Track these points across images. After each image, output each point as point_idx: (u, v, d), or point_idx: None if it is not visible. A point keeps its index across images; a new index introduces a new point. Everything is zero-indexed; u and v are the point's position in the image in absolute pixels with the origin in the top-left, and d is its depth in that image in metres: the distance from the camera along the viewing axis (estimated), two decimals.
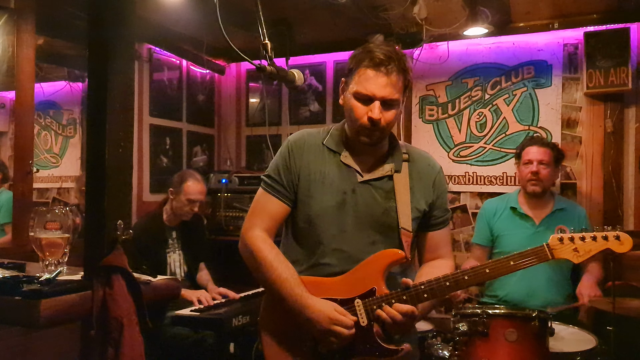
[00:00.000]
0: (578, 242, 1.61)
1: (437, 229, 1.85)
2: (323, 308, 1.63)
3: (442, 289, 1.63)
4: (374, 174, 1.77)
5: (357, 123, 1.70)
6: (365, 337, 1.65)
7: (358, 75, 1.67)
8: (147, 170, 4.19)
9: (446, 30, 3.84)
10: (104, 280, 1.61)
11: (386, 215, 1.73)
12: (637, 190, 3.67)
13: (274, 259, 1.72)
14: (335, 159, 1.78)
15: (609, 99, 3.72)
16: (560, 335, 2.56)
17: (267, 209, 1.79)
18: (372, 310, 1.65)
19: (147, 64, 4.19)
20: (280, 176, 1.79)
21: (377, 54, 1.65)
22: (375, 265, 1.68)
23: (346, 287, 1.69)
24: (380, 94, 1.66)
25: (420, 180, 1.80)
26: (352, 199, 1.73)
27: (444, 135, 4.22)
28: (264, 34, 1.54)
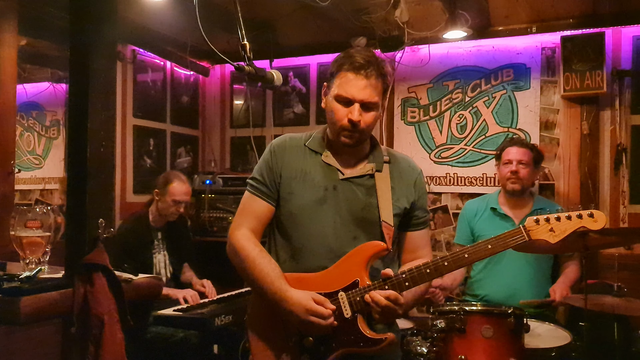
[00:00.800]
0: (554, 222, 1.63)
1: (418, 229, 1.90)
2: (300, 299, 1.68)
3: (422, 275, 1.68)
4: (355, 171, 1.82)
5: (337, 125, 1.75)
6: (350, 328, 1.69)
7: (339, 79, 1.73)
8: (131, 171, 4.20)
9: (427, 34, 3.91)
10: (85, 277, 1.63)
11: (367, 211, 1.78)
12: (612, 191, 3.75)
13: (256, 255, 1.77)
14: (316, 159, 1.83)
15: (585, 101, 3.80)
16: (536, 332, 2.62)
17: (252, 209, 1.85)
18: (355, 301, 1.69)
19: (131, 65, 4.20)
20: (263, 177, 1.84)
21: (357, 58, 1.71)
22: (357, 258, 1.72)
23: (329, 281, 1.73)
24: (360, 96, 1.71)
25: (402, 180, 1.85)
26: (333, 195, 1.78)
27: (425, 136, 4.28)
28: (242, 35, 1.58)
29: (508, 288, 3.12)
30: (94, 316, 1.59)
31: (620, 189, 3.71)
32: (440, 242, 4.22)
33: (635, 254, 3.55)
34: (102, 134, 1.81)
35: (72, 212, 1.74)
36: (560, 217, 1.63)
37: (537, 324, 2.72)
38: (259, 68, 1.63)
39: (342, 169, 1.81)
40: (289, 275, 1.75)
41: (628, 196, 3.69)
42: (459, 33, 3.69)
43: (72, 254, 1.70)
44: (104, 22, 1.87)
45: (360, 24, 3.99)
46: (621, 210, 3.70)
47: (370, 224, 1.78)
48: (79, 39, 1.80)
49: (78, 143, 1.74)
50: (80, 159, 1.72)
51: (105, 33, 1.86)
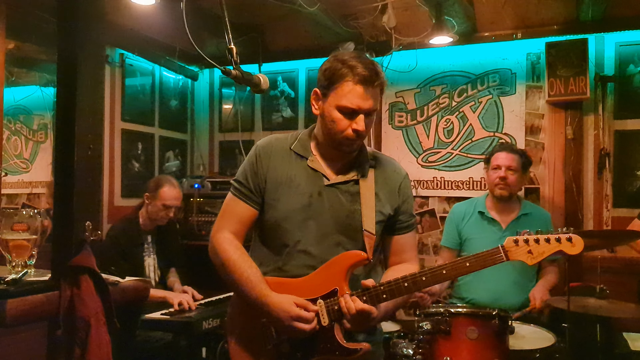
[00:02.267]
0: (532, 244, 1.64)
1: (403, 233, 1.90)
2: (282, 303, 1.68)
3: (400, 289, 1.68)
4: (340, 177, 1.81)
5: (340, 135, 1.73)
6: (327, 336, 1.69)
7: (342, 89, 1.70)
8: (119, 175, 4.19)
9: (414, 39, 3.95)
10: (71, 280, 1.63)
11: (351, 218, 1.78)
12: (596, 195, 3.81)
13: (238, 258, 1.77)
14: (302, 163, 1.82)
15: (569, 107, 3.86)
16: (520, 334, 2.65)
17: (235, 212, 1.83)
18: (333, 310, 1.69)
19: (120, 69, 4.20)
20: (247, 180, 1.83)
21: (361, 70, 1.68)
22: (338, 267, 1.72)
23: (309, 288, 1.73)
24: (365, 106, 1.70)
25: (386, 186, 1.85)
26: (318, 202, 1.78)
27: (412, 141, 4.32)
28: (229, 39, 1.59)
29: (494, 291, 3.14)
30: (80, 319, 1.60)
31: (603, 193, 3.77)
32: (427, 246, 4.25)
33: (618, 257, 3.60)
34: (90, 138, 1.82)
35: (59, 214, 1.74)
36: (539, 240, 1.64)
37: (522, 325, 2.75)
38: (245, 72, 1.65)
39: (327, 174, 1.81)
40: (270, 279, 1.75)
41: (611, 200, 3.75)
42: (446, 39, 3.73)
43: (58, 256, 1.71)
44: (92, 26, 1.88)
45: (348, 29, 4.03)
46: (605, 213, 3.75)
47: (353, 231, 1.78)
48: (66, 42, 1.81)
49: (65, 146, 1.75)
50: (68, 162, 1.73)
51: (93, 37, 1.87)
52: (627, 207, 3.66)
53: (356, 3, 3.81)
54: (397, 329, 2.97)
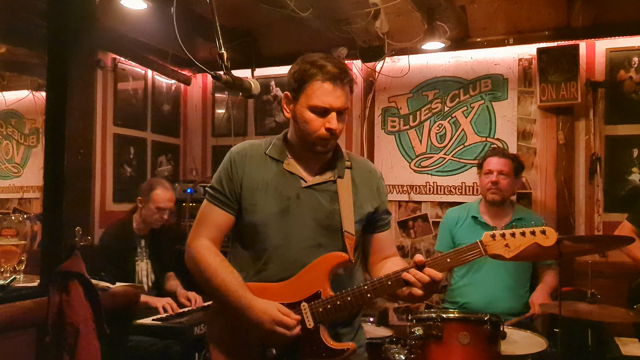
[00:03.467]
0: (509, 238, 1.69)
1: (384, 230, 1.93)
2: (266, 309, 1.67)
3: (384, 287, 1.69)
4: (317, 179, 1.81)
5: (314, 135, 1.74)
6: (312, 339, 1.69)
7: (312, 88, 1.72)
8: (111, 179, 4.18)
9: (407, 45, 3.96)
10: (60, 286, 1.62)
11: (330, 218, 1.78)
12: (587, 200, 3.83)
13: (218, 265, 1.75)
14: (278, 167, 1.82)
15: (560, 112, 3.88)
16: (512, 339, 2.65)
17: (211, 219, 1.82)
18: (318, 312, 1.69)
19: (112, 73, 4.19)
20: (222, 187, 1.82)
21: (330, 68, 1.71)
22: (320, 269, 1.72)
23: (292, 291, 1.72)
24: (337, 105, 1.72)
25: (364, 186, 1.87)
26: (297, 204, 1.77)
27: (405, 146, 4.33)
28: (220, 44, 1.59)
29: (487, 296, 3.15)
30: (69, 325, 1.59)
31: (595, 198, 3.79)
32: (420, 251, 4.25)
33: (610, 262, 3.62)
34: (80, 142, 1.81)
35: (49, 220, 1.73)
36: (515, 234, 1.68)
37: (514, 330, 2.76)
38: (236, 77, 1.64)
39: (304, 177, 1.81)
40: (251, 285, 1.74)
41: (602, 205, 3.77)
42: (438, 44, 3.75)
43: (47, 262, 1.70)
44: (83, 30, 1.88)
45: (341, 34, 4.03)
46: (596, 218, 3.77)
47: (333, 232, 1.78)
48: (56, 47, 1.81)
49: (55, 151, 1.74)
50: (57, 167, 1.72)
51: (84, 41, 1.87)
52: (618, 212, 3.67)
53: (349, 8, 3.82)
54: (390, 334, 2.96)
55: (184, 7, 3.61)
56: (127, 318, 2.90)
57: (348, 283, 1.76)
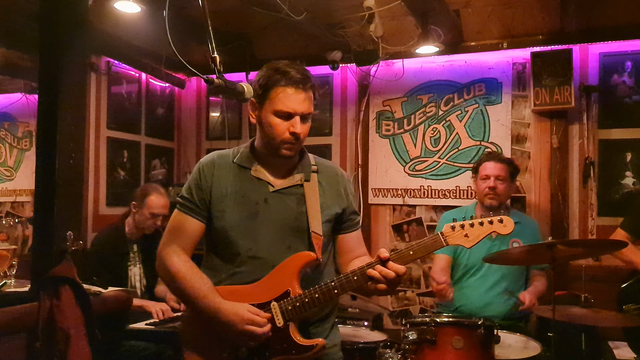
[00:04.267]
0: (468, 228, 1.74)
1: (353, 231, 1.98)
2: (236, 310, 1.71)
3: (350, 282, 1.74)
4: (284, 183, 1.86)
5: (279, 139, 1.80)
6: (282, 337, 1.74)
7: (276, 94, 1.78)
8: (104, 183, 4.15)
9: (401, 48, 3.97)
10: (51, 291, 1.61)
11: (299, 220, 1.83)
12: (581, 204, 3.84)
13: (187, 271, 1.79)
14: (245, 174, 1.87)
15: (554, 116, 3.89)
16: (506, 343, 2.65)
17: (181, 227, 1.86)
18: (287, 310, 1.74)
19: (105, 76, 4.17)
20: (192, 195, 1.86)
21: (294, 74, 1.77)
22: (288, 269, 1.77)
23: (262, 292, 1.77)
24: (300, 109, 1.79)
25: (330, 188, 1.92)
26: (265, 209, 1.83)
27: (400, 149, 4.33)
28: (213, 48, 1.59)
29: (482, 300, 3.15)
30: (59, 330, 1.58)
31: (588, 202, 3.80)
32: None
33: (603, 265, 3.63)
34: (72, 146, 1.80)
35: (40, 224, 1.72)
36: (474, 224, 1.74)
37: (508, 335, 2.75)
38: (229, 81, 1.64)
39: (271, 182, 1.86)
40: (222, 288, 1.79)
41: (596, 208, 3.78)
42: (431, 48, 3.76)
43: (38, 267, 1.68)
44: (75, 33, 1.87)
45: (335, 38, 4.04)
46: (590, 222, 3.78)
47: (301, 233, 1.83)
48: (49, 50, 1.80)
49: (46, 155, 1.73)
50: (49, 171, 1.71)
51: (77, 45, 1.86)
52: (611, 216, 3.69)
53: (343, 12, 3.82)
54: (384, 339, 2.96)
55: (178, 10, 3.61)
56: (119, 323, 2.89)
57: (319, 282, 1.80)
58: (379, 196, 4.37)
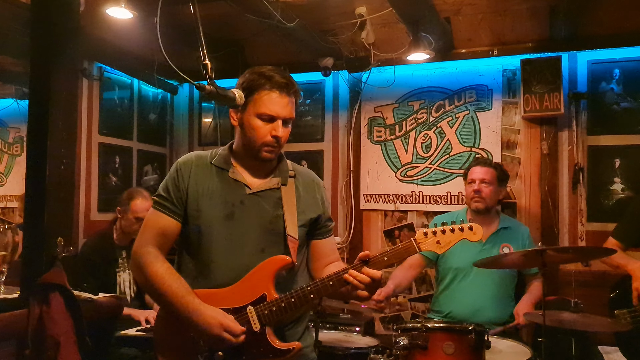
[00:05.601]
0: (440, 235, 1.79)
1: (327, 237, 2.01)
2: (214, 314, 1.72)
3: (326, 287, 1.76)
4: (261, 186, 1.88)
5: (260, 141, 1.82)
6: (259, 341, 1.75)
7: (260, 97, 1.80)
8: (96, 189, 4.14)
9: (392, 55, 3.99)
10: (41, 297, 1.60)
11: (274, 223, 1.85)
12: (571, 209, 3.87)
13: (165, 272, 1.78)
14: (223, 175, 1.88)
15: (544, 122, 3.93)
16: (497, 349, 2.66)
17: (158, 226, 1.86)
18: (263, 315, 1.75)
19: (98, 82, 4.17)
20: (169, 194, 1.86)
21: (278, 78, 1.81)
22: (264, 272, 1.79)
23: (238, 296, 1.78)
24: (283, 113, 1.82)
25: (307, 194, 1.95)
26: (241, 210, 1.84)
27: (391, 155, 4.35)
28: (204, 54, 1.60)
29: (472, 305, 3.16)
30: (49, 337, 1.57)
31: (578, 207, 3.83)
32: None
33: (593, 271, 3.65)
34: (63, 152, 1.80)
35: (30, 230, 1.72)
36: (445, 231, 1.80)
37: (498, 340, 2.76)
38: (220, 87, 1.65)
39: (249, 184, 1.87)
40: (197, 291, 1.78)
41: (585, 214, 3.81)
42: (423, 55, 3.78)
43: (28, 273, 1.68)
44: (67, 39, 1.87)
45: (327, 45, 4.06)
46: (579, 228, 3.81)
47: (276, 236, 1.84)
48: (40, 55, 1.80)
49: (37, 160, 1.73)
50: (39, 176, 1.71)
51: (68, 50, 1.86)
52: (600, 221, 3.72)
53: (335, 19, 3.84)
54: (375, 344, 2.96)
55: (170, 16, 3.61)
56: (109, 330, 2.87)
57: (292, 286, 1.83)
58: (370, 202, 4.38)
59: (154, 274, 1.77)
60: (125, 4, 3.08)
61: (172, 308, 1.76)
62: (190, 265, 1.86)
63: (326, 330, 3.28)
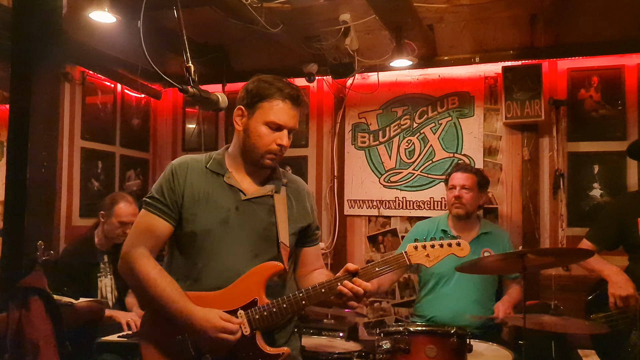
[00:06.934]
0: (429, 249, 1.88)
1: (314, 245, 2.06)
2: (208, 317, 1.72)
3: (318, 295, 1.80)
4: (255, 192, 1.91)
5: (264, 148, 1.86)
6: (249, 345, 1.76)
7: (270, 105, 1.84)
8: (77, 194, 4.10)
9: (376, 62, 4.03)
10: (20, 301, 1.59)
11: (268, 230, 1.88)
12: (551, 214, 3.92)
13: (157, 274, 1.78)
14: (218, 180, 1.90)
15: (525, 129, 3.99)
16: (479, 352, 2.69)
17: (150, 228, 1.86)
18: (254, 319, 1.77)
19: (80, 87, 4.14)
20: (164, 196, 1.86)
21: (289, 90, 1.85)
22: (256, 277, 1.81)
23: (229, 300, 1.79)
24: (290, 124, 1.87)
25: (298, 202, 1.99)
26: (236, 216, 1.86)
27: (375, 161, 4.38)
28: (187, 58, 1.61)
29: (454, 309, 3.19)
30: (28, 342, 1.56)
31: (559, 213, 3.88)
32: None
33: (573, 275, 3.70)
34: (44, 155, 1.79)
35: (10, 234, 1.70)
36: (435, 245, 1.89)
37: (480, 343, 2.79)
38: (203, 90, 1.66)
39: (243, 190, 1.89)
40: (189, 294, 1.79)
41: (566, 219, 3.86)
42: (406, 62, 3.82)
43: (8, 277, 1.66)
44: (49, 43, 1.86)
45: (311, 51, 4.08)
46: (560, 233, 3.86)
47: (269, 243, 1.87)
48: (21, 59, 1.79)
49: (17, 163, 1.72)
50: (20, 180, 1.70)
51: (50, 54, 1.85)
52: (580, 227, 3.76)
53: (319, 26, 3.87)
54: (359, 349, 2.97)
55: (154, 21, 3.61)
56: (90, 335, 2.84)
57: (282, 291, 1.86)
58: (354, 207, 4.40)
59: (145, 276, 1.77)
60: (108, 8, 3.07)
61: (165, 311, 1.76)
62: (181, 267, 1.86)
63: (310, 335, 3.28)
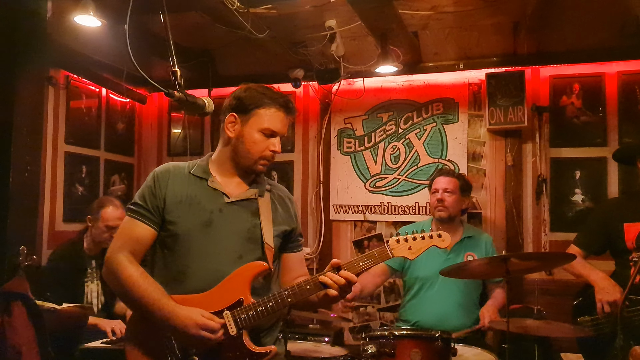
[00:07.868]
0: (411, 241, 1.91)
1: (298, 251, 2.10)
2: (190, 315, 1.73)
3: (303, 291, 1.81)
4: (240, 195, 1.94)
5: (257, 155, 1.91)
6: (235, 345, 1.77)
7: (265, 113, 1.89)
8: (61, 198, 4.06)
9: (362, 68, 4.06)
10: (2, 306, 1.57)
11: (252, 232, 1.90)
12: (534, 219, 3.97)
13: (139, 277, 1.79)
14: (202, 184, 1.93)
15: (508, 134, 4.04)
16: (464, 356, 2.70)
17: (133, 233, 1.88)
18: (240, 319, 1.78)
19: (64, 91, 4.10)
20: (146, 202, 1.88)
21: (283, 100, 1.92)
22: (241, 277, 1.83)
23: (214, 301, 1.80)
24: (283, 131, 1.95)
25: (282, 207, 2.03)
26: (220, 218, 1.88)
27: (360, 166, 4.40)
28: (173, 62, 1.62)
29: (438, 314, 3.21)
30: (10, 347, 1.54)
31: (541, 218, 3.93)
32: None
33: (556, 279, 3.74)
34: (28, 159, 1.78)
35: None
36: (416, 237, 1.92)
37: (464, 347, 2.81)
38: (189, 94, 1.67)
39: (227, 193, 1.92)
40: (174, 297, 1.80)
41: (549, 224, 3.91)
42: (391, 68, 3.85)
43: None
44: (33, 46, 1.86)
45: (297, 57, 4.10)
46: (543, 237, 3.90)
47: (254, 244, 1.90)
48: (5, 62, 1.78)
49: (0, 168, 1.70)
50: (2, 183, 1.68)
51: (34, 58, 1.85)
52: (563, 231, 3.82)
53: (305, 32, 3.89)
54: (344, 354, 2.98)
55: (140, 25, 3.60)
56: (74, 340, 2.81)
57: (267, 292, 1.87)
58: (340, 212, 4.41)
59: (127, 278, 1.78)
60: (93, 12, 3.06)
61: (147, 312, 1.76)
62: (164, 271, 1.88)
63: (295, 340, 3.27)
